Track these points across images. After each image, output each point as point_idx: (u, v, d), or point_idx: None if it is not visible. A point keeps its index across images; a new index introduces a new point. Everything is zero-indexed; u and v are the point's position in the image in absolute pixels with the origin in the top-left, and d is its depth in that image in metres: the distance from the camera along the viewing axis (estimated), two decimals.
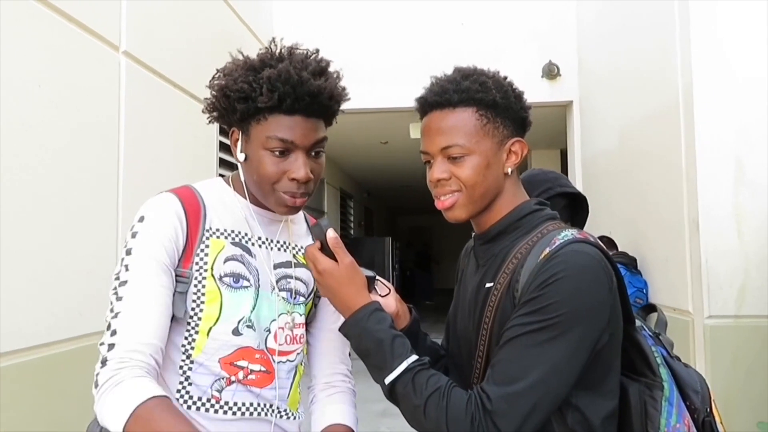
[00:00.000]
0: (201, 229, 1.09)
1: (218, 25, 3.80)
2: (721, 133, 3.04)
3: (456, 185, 1.09)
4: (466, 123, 1.08)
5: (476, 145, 1.08)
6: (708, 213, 3.03)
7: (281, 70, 1.05)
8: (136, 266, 1.02)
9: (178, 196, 1.10)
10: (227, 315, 1.09)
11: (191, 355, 1.08)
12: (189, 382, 1.07)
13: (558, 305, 0.95)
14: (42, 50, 2.11)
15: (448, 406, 0.96)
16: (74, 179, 2.25)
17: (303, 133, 1.08)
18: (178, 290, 1.07)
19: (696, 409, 1.06)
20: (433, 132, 1.10)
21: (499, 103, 1.09)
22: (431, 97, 1.12)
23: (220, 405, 1.07)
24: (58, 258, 2.14)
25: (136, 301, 1.00)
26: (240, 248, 1.12)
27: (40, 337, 2.03)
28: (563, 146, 6.32)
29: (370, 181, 11.97)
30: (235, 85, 1.07)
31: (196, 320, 1.08)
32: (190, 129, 3.27)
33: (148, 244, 1.04)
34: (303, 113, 1.07)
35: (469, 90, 1.08)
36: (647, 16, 3.76)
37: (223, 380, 1.08)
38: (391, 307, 1.16)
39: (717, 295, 2.99)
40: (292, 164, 1.08)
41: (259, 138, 1.08)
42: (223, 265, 1.09)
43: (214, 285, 1.08)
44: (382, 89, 5.15)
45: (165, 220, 1.06)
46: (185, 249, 1.07)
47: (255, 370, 1.11)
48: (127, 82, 2.63)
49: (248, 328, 1.10)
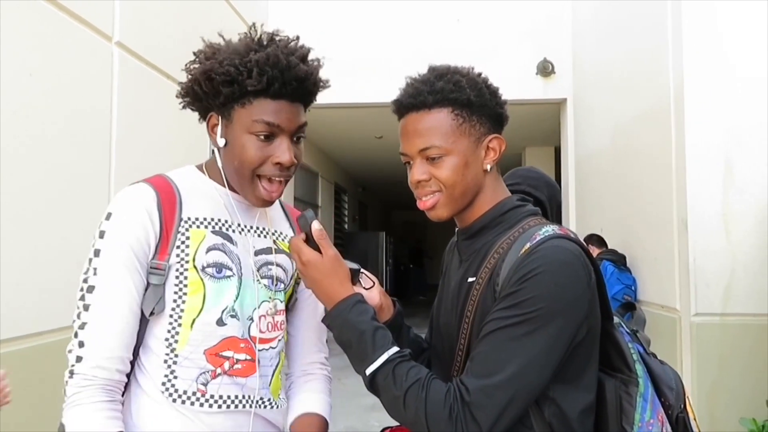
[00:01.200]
0: (177, 219, 1.08)
1: (213, 17, 3.79)
2: (711, 133, 3.07)
3: (436, 185, 1.10)
4: (442, 124, 1.09)
5: (453, 144, 1.08)
6: (697, 212, 3.07)
7: (270, 54, 1.05)
8: (104, 271, 1.02)
9: (153, 186, 1.08)
10: (210, 305, 1.08)
11: (175, 348, 1.07)
12: (174, 376, 1.06)
13: (536, 300, 0.96)
14: (34, 40, 2.11)
15: (427, 397, 0.97)
16: (66, 169, 2.26)
17: (288, 118, 1.08)
18: (153, 282, 1.06)
19: (670, 406, 1.08)
20: (411, 134, 1.11)
21: (474, 102, 1.10)
22: (406, 100, 1.12)
23: (206, 398, 1.07)
24: (48, 248, 2.14)
25: (103, 311, 1.01)
26: (221, 237, 1.11)
27: (31, 327, 2.04)
28: (557, 143, 6.35)
29: (364, 175, 11.97)
30: (220, 68, 1.06)
31: (179, 312, 1.07)
32: (183, 120, 3.26)
33: (116, 247, 1.03)
34: (288, 98, 1.08)
35: (443, 90, 1.09)
36: (641, 17, 3.78)
37: (208, 373, 1.08)
38: (375, 300, 1.17)
39: (704, 293, 3.03)
40: (277, 148, 1.08)
41: (243, 122, 1.07)
42: (206, 256, 1.08)
43: (196, 276, 1.07)
44: (378, 84, 5.15)
45: (133, 217, 1.04)
46: (160, 241, 1.06)
47: (240, 360, 1.10)
48: (119, 73, 2.63)
49: (232, 318, 1.10)
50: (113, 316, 1.02)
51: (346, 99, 5.23)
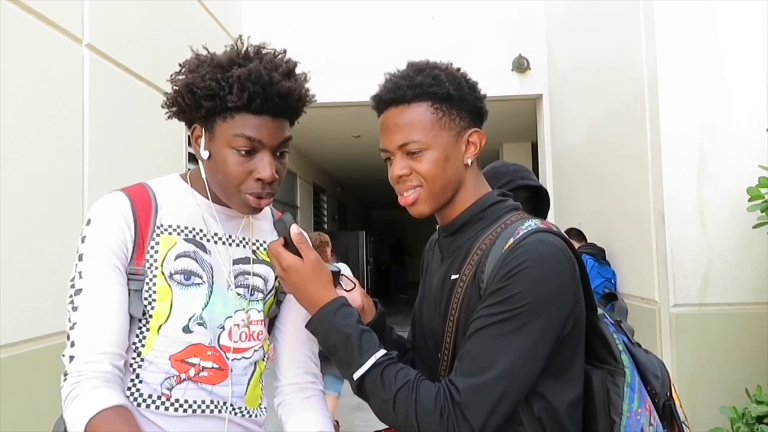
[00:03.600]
0: (152, 226, 1.08)
1: (184, 18, 3.74)
2: (685, 126, 3.11)
3: (417, 180, 1.10)
4: (421, 118, 1.08)
5: (433, 139, 1.08)
6: (673, 205, 3.10)
7: (252, 70, 1.04)
8: (89, 273, 1.03)
9: (128, 195, 1.09)
10: (178, 313, 1.07)
11: (141, 352, 1.07)
12: (139, 380, 1.06)
13: (523, 295, 0.96)
14: (2, 43, 2.05)
15: (417, 399, 0.96)
16: (37, 174, 2.20)
17: (270, 133, 1.06)
18: (133, 288, 1.06)
19: (657, 394, 1.08)
20: (391, 129, 1.10)
21: (453, 96, 1.09)
22: (386, 95, 1.11)
23: (170, 402, 1.06)
24: (21, 256, 2.09)
25: (91, 310, 1.02)
26: (193, 245, 1.11)
27: (5, 337, 1.98)
28: (534, 139, 6.39)
29: (343, 175, 11.94)
30: (202, 83, 1.05)
31: (148, 317, 1.07)
32: (157, 123, 3.22)
33: (97, 249, 1.04)
34: (271, 113, 1.06)
35: (422, 84, 1.08)
36: (613, 13, 3.81)
37: (173, 378, 1.07)
38: (357, 302, 1.16)
39: (682, 284, 3.07)
40: (258, 164, 1.06)
41: (224, 136, 1.06)
42: (174, 263, 1.08)
43: (164, 283, 1.07)
44: (354, 83, 5.13)
45: (110, 222, 1.05)
46: (135, 247, 1.06)
47: (207, 367, 1.09)
48: (90, 76, 2.58)
49: (199, 326, 1.08)
50: (102, 314, 1.02)
51: (322, 98, 5.13)
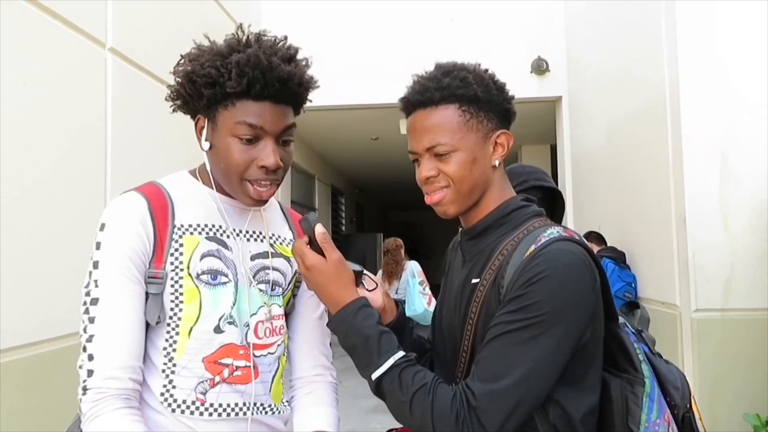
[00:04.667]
0: (170, 226, 1.06)
1: (205, 21, 3.78)
2: (707, 128, 3.06)
3: (444, 181, 1.10)
4: (449, 120, 1.08)
5: (460, 141, 1.08)
6: (695, 208, 3.06)
7: (250, 55, 1.03)
8: (105, 281, 1.01)
9: (144, 195, 1.07)
10: (207, 313, 1.06)
11: (173, 357, 1.06)
12: (173, 386, 1.05)
13: (542, 304, 0.95)
14: (27, 47, 2.09)
15: (434, 402, 0.97)
16: (61, 177, 2.24)
17: (272, 120, 1.05)
18: (152, 292, 1.04)
19: (676, 405, 1.07)
20: (418, 131, 1.10)
21: (481, 98, 1.09)
22: (413, 97, 1.11)
23: (205, 407, 1.06)
24: (44, 256, 2.13)
25: (108, 321, 1.00)
26: (216, 242, 1.09)
27: (29, 336, 2.02)
28: (553, 141, 6.35)
29: (361, 177, 11.96)
30: (202, 70, 1.04)
31: (176, 320, 1.06)
32: (177, 124, 3.25)
33: (113, 257, 1.02)
34: (272, 99, 1.05)
35: (450, 87, 1.08)
36: (634, 13, 3.78)
37: (206, 382, 1.06)
38: (378, 302, 1.16)
39: (704, 288, 3.02)
40: (261, 151, 1.05)
41: (226, 125, 1.05)
42: (200, 263, 1.07)
43: (191, 284, 1.06)
44: (372, 85, 5.15)
45: (126, 227, 1.03)
46: (155, 249, 1.04)
47: (240, 366, 1.09)
48: (113, 79, 2.61)
49: (230, 325, 1.08)
50: (120, 326, 1.00)
51: (341, 101, 5.21)
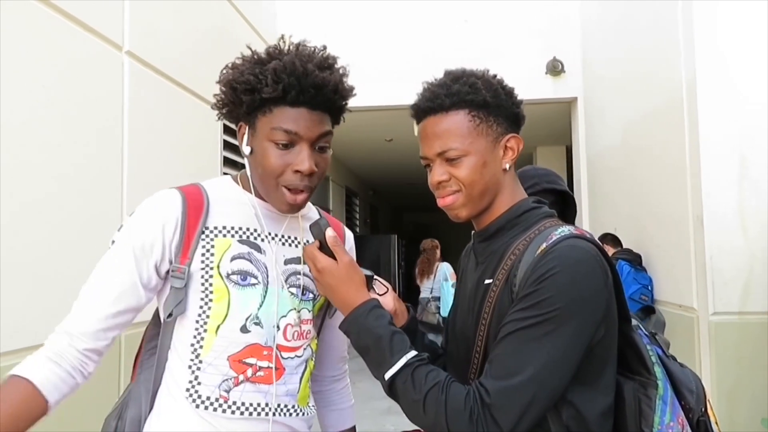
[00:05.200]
0: (200, 226, 1.10)
1: (221, 24, 3.81)
2: (725, 130, 3.03)
3: (456, 185, 1.11)
4: (459, 126, 1.10)
5: (471, 145, 1.10)
6: (712, 210, 3.03)
7: (286, 62, 1.07)
8: (113, 254, 1.08)
9: (182, 193, 1.12)
10: (235, 312, 1.10)
11: (200, 354, 1.09)
12: (198, 382, 1.08)
13: (553, 300, 0.96)
14: (45, 51, 2.13)
15: (447, 400, 0.97)
16: (78, 179, 2.27)
17: (307, 125, 1.09)
18: (175, 285, 1.09)
19: (691, 409, 1.06)
20: (429, 137, 1.13)
21: (490, 103, 1.11)
22: (424, 104, 1.14)
23: (228, 405, 1.08)
24: (60, 258, 2.15)
25: (96, 289, 1.07)
26: (248, 245, 1.13)
27: (42, 337, 2.05)
28: (568, 143, 6.31)
29: (375, 178, 11.98)
30: (241, 77, 1.09)
31: (205, 318, 1.09)
32: (194, 128, 3.29)
33: (129, 236, 1.09)
34: (308, 105, 1.09)
35: (459, 93, 1.10)
36: (651, 14, 3.75)
37: (231, 380, 1.09)
38: (389, 306, 1.18)
39: (722, 291, 2.99)
40: (296, 156, 1.09)
41: (264, 130, 1.09)
42: (230, 264, 1.11)
43: (221, 283, 1.10)
44: (387, 86, 5.15)
45: (154, 214, 1.09)
46: (181, 245, 1.09)
47: (263, 367, 1.11)
48: (130, 82, 2.64)
49: (256, 326, 1.11)
50: (102, 297, 1.06)
51: (355, 103, 5.17)
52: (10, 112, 1.93)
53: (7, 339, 1.87)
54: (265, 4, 4.92)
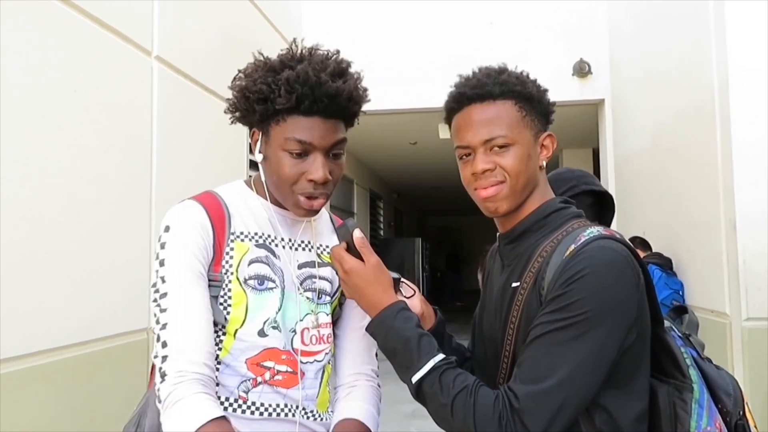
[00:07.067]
0: (227, 233, 1.10)
1: (248, 29, 3.84)
2: (758, 131, 2.96)
3: (501, 175, 1.09)
4: (508, 114, 1.09)
5: (518, 135, 1.09)
6: (745, 213, 2.96)
7: (300, 72, 1.06)
8: (172, 277, 1.04)
9: (202, 204, 1.11)
10: (253, 316, 1.10)
11: (218, 356, 1.09)
12: (216, 383, 1.08)
13: (583, 302, 0.94)
14: (76, 56, 2.16)
15: (476, 404, 0.96)
16: (108, 182, 2.30)
17: (321, 135, 1.08)
18: (212, 294, 1.08)
19: (728, 412, 1.04)
20: (475, 124, 1.10)
21: (534, 96, 1.12)
22: (470, 91, 1.12)
23: (247, 405, 1.08)
24: (91, 259, 2.19)
25: (180, 311, 1.03)
26: (265, 250, 1.13)
27: (77, 336, 2.08)
28: (595, 145, 6.23)
29: (399, 181, 11.97)
30: (254, 87, 1.08)
31: (224, 322, 1.09)
32: (221, 132, 3.32)
33: (179, 254, 1.06)
34: (321, 114, 1.07)
35: (508, 83, 1.10)
36: (681, 13, 3.68)
37: (249, 381, 1.09)
38: (417, 308, 1.16)
39: (755, 296, 2.91)
40: (310, 165, 1.08)
41: (277, 139, 1.08)
42: (248, 268, 1.10)
43: (239, 287, 1.09)
44: (411, 89, 5.14)
45: (191, 227, 1.07)
46: (215, 254, 1.09)
47: (281, 371, 1.11)
48: (159, 87, 2.68)
49: (273, 329, 1.11)
50: (192, 314, 1.03)
51: (380, 106, 5.22)
52: (42, 116, 1.97)
53: (48, 338, 1.91)
54: (291, 7, 4.95)
